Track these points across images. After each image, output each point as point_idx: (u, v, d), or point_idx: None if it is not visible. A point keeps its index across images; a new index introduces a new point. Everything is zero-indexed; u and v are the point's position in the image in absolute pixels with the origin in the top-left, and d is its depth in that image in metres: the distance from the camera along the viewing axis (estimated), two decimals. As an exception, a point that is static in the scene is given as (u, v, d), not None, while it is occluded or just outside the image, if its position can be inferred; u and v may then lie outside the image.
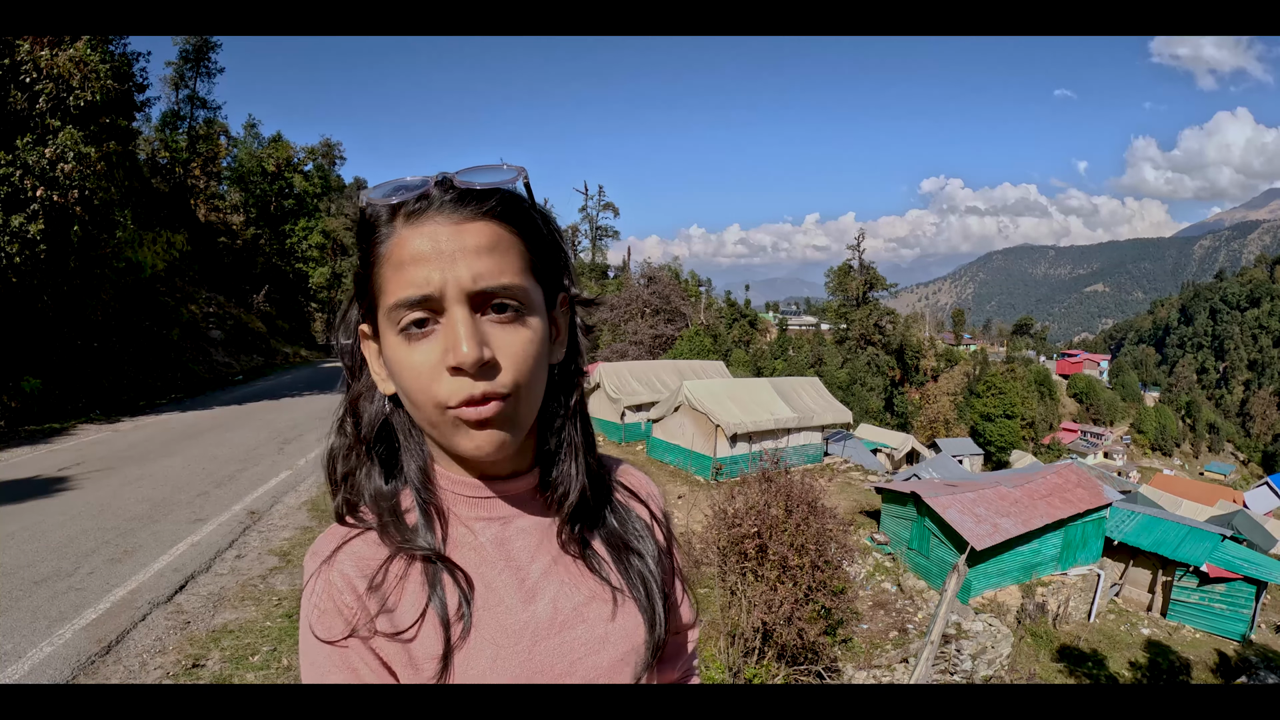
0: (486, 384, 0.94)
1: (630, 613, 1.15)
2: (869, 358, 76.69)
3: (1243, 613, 21.34)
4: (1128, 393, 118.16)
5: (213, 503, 10.48)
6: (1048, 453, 77.24)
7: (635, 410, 30.17)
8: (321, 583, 1.02)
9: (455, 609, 1.03)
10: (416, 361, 0.95)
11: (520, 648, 1.05)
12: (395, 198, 0.97)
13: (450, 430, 0.97)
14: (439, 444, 1.04)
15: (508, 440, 0.99)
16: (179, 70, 45.54)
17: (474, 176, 0.99)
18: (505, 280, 0.96)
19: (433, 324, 0.95)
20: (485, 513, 1.09)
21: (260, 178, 52.15)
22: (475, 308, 0.95)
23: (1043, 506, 20.88)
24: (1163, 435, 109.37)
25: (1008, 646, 17.42)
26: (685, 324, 53.01)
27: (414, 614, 1.01)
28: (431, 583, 1.03)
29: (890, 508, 21.41)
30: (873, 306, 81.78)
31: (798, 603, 11.25)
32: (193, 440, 15.15)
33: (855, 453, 34.50)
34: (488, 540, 1.09)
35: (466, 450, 0.99)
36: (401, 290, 0.94)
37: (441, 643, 1.01)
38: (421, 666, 1.01)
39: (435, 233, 0.95)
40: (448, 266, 0.93)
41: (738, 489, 13.05)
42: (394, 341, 0.97)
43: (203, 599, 7.24)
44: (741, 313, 78.86)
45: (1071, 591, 21.21)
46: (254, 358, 36.12)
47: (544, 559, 1.11)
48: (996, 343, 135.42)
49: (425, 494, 1.08)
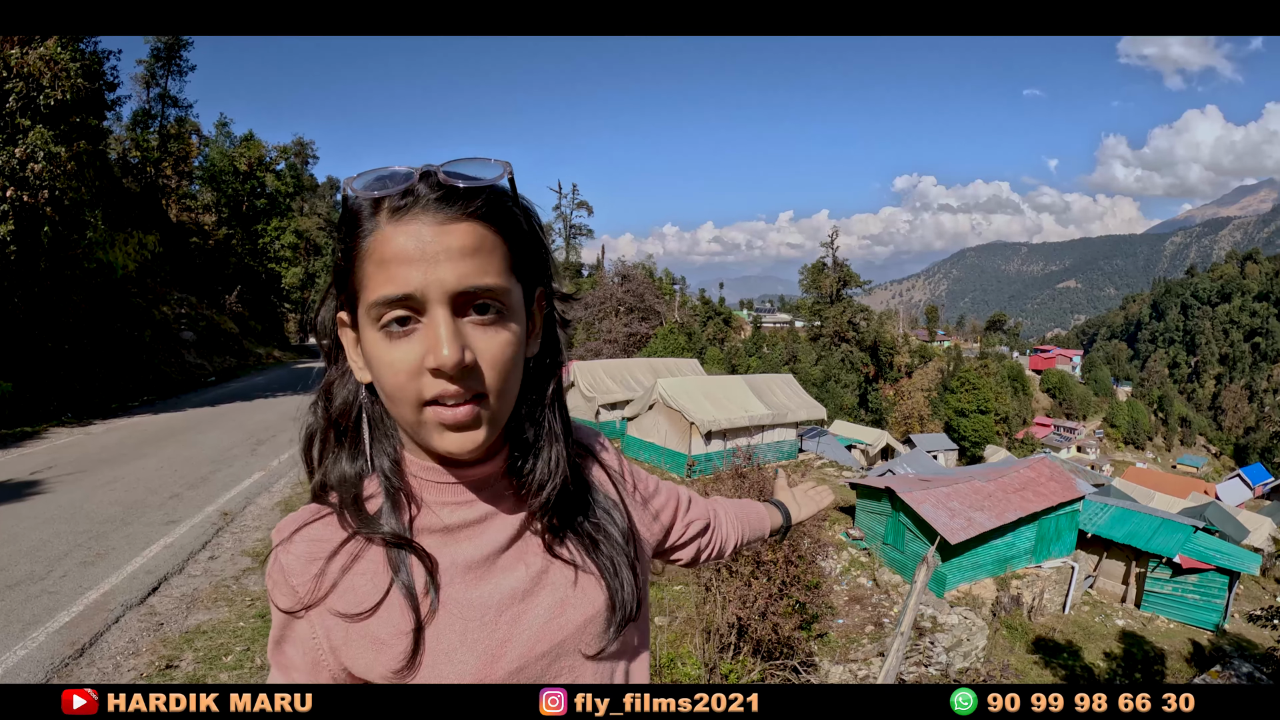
0: (465, 385, 0.96)
1: (590, 582, 1.17)
2: (843, 354, 76.96)
3: (1216, 603, 21.60)
4: (1100, 387, 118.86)
5: (185, 504, 10.43)
6: (1021, 447, 77.68)
7: (610, 409, 30.08)
8: (277, 562, 1.08)
9: (422, 587, 1.05)
10: (396, 360, 0.96)
11: (486, 619, 1.08)
12: (379, 191, 0.97)
13: (427, 429, 0.99)
14: (415, 439, 1.06)
15: (481, 440, 1.01)
16: (150, 68, 45.13)
17: (460, 170, 0.99)
18: (488, 282, 0.97)
19: (414, 323, 0.96)
20: (451, 497, 1.11)
21: (232, 177, 51.67)
22: (457, 309, 0.96)
23: (1016, 500, 21.04)
24: (1135, 429, 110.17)
25: (983, 639, 17.55)
26: (660, 322, 53.01)
27: (376, 595, 1.05)
28: (395, 564, 1.05)
29: (865, 503, 21.51)
30: (847, 304, 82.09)
31: (772, 598, 11.27)
32: (165, 442, 15.06)
33: (830, 449, 34.55)
34: (453, 523, 1.11)
35: (442, 449, 1.01)
36: (383, 288, 0.95)
37: (411, 620, 1.04)
38: (389, 643, 1.04)
39: (419, 232, 0.95)
40: (431, 267, 0.94)
41: (711, 485, 13.08)
42: (374, 337, 0.98)
43: (175, 600, 7.22)
44: (716, 310, 78.71)
45: (1046, 584, 21.39)
46: (226, 359, 35.87)
47: (508, 538, 1.13)
48: (970, 339, 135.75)
49: (393, 479, 1.10)
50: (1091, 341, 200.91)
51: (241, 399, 23.04)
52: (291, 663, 1.10)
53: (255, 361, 39.37)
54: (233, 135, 54.39)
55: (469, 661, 1.07)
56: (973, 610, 18.71)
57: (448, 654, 1.06)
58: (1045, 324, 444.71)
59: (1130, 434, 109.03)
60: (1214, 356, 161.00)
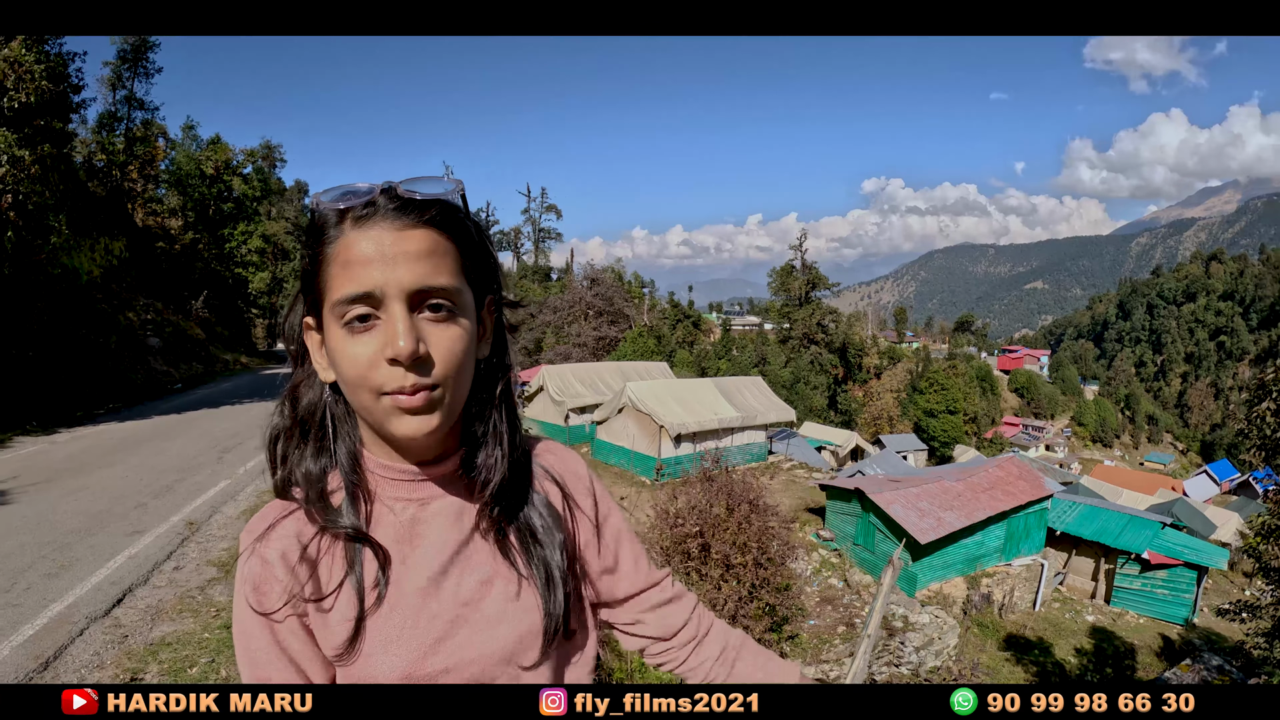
0: (420, 375, 1.05)
1: (530, 595, 1.22)
2: (812, 356, 77.25)
3: (1184, 597, 21.91)
4: (1068, 387, 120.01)
5: (151, 514, 10.31)
6: (990, 446, 78.32)
7: (579, 412, 30.25)
8: (255, 559, 1.16)
9: (371, 580, 1.15)
10: (357, 352, 1.04)
11: (424, 617, 1.16)
12: (344, 203, 1.07)
13: (385, 416, 1.07)
14: (374, 428, 1.14)
15: (437, 426, 1.09)
16: (116, 70, 44.39)
17: (417, 187, 1.08)
18: (440, 282, 1.06)
19: (374, 319, 1.04)
20: (407, 494, 1.20)
21: (199, 180, 51.22)
22: (412, 306, 1.05)
23: (985, 499, 21.17)
24: (1103, 427, 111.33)
25: (954, 637, 17.67)
26: (629, 325, 53.17)
27: (333, 584, 1.15)
28: (350, 557, 1.15)
29: (835, 504, 21.60)
30: (815, 306, 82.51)
31: (742, 600, 11.32)
32: (131, 451, 14.88)
33: (799, 451, 34.69)
34: (407, 519, 1.20)
35: (399, 433, 1.08)
36: (347, 287, 1.04)
37: (355, 608, 1.13)
38: (335, 629, 1.14)
39: (380, 237, 1.05)
40: (389, 268, 1.03)
41: (680, 489, 13.11)
42: (337, 334, 1.07)
43: (140, 612, 7.14)
44: (685, 313, 78.77)
45: (1016, 582, 21.56)
46: (193, 365, 35.45)
47: (458, 538, 1.21)
48: (938, 340, 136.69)
49: (353, 476, 1.19)
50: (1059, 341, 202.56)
51: (208, 406, 22.80)
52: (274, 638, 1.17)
53: (222, 368, 39.00)
54: (199, 138, 53.94)
55: (401, 655, 1.15)
56: (944, 609, 18.82)
57: (384, 644, 1.14)
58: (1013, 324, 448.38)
59: (1098, 432, 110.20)
60: (1180, 355, 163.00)
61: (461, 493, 1.22)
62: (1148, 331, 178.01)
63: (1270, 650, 13.61)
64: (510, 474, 1.23)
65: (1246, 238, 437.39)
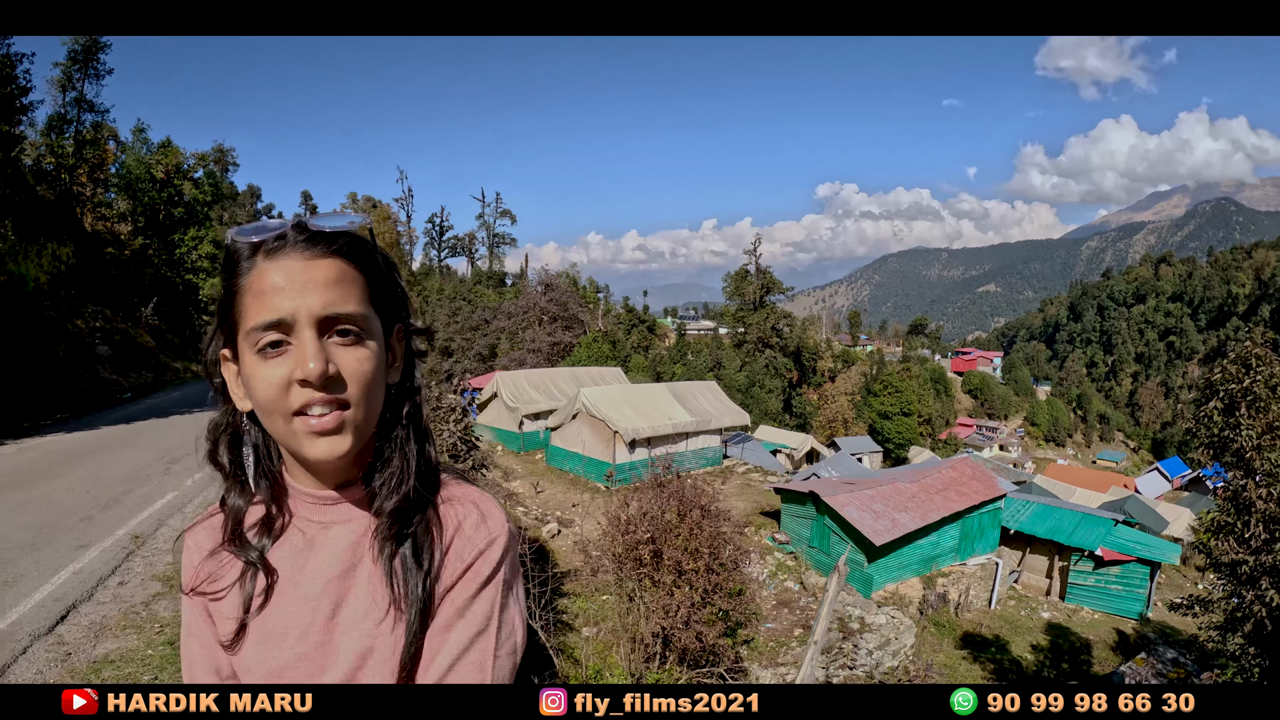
0: (330, 395, 1.12)
1: (399, 623, 1.22)
2: (767, 360, 77.40)
3: (1138, 592, 22.28)
4: (1020, 387, 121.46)
5: (97, 528, 10.13)
6: (945, 447, 79.01)
7: (534, 419, 30.22)
8: (182, 543, 1.35)
9: (260, 589, 1.25)
10: (270, 375, 1.11)
11: (295, 629, 1.24)
12: (256, 236, 1.15)
13: (298, 439, 1.14)
14: (288, 450, 1.22)
15: (348, 449, 1.15)
16: (67, 71, 43.44)
17: (325, 221, 1.16)
18: (348, 309, 1.14)
19: (285, 345, 1.11)
20: (317, 516, 1.27)
21: (149, 184, 50.20)
22: (322, 331, 1.12)
23: (939, 500, 21.40)
24: (1055, 427, 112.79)
25: (911, 637, 17.82)
26: (583, 331, 53.28)
27: (228, 584, 1.27)
28: (244, 576, 1.26)
29: (790, 507, 21.72)
30: (770, 310, 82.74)
31: (695, 606, 11.33)
32: (78, 462, 14.60)
33: (754, 454, 34.88)
34: (308, 539, 1.27)
35: (312, 456, 1.15)
36: (259, 315, 1.11)
37: (240, 611, 1.25)
38: (224, 624, 1.27)
39: (290, 266, 1.12)
40: (299, 295, 1.11)
41: (632, 495, 13.11)
42: (251, 360, 1.13)
43: (84, 629, 7.04)
44: (640, 318, 78.84)
45: (971, 581, 21.78)
46: (143, 374, 34.74)
47: (348, 560, 1.26)
48: (892, 343, 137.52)
49: (272, 501, 1.28)
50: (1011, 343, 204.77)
51: (158, 416, 22.42)
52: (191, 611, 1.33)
53: (173, 376, 38.26)
54: (150, 142, 52.88)
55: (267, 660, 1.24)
56: (900, 609, 18.99)
57: (257, 646, 1.25)
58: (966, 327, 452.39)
59: (1051, 432, 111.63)
60: (1130, 355, 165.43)
61: (363, 517, 1.26)
62: (1098, 333, 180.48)
63: (1224, 643, 13.83)
64: (410, 501, 1.24)
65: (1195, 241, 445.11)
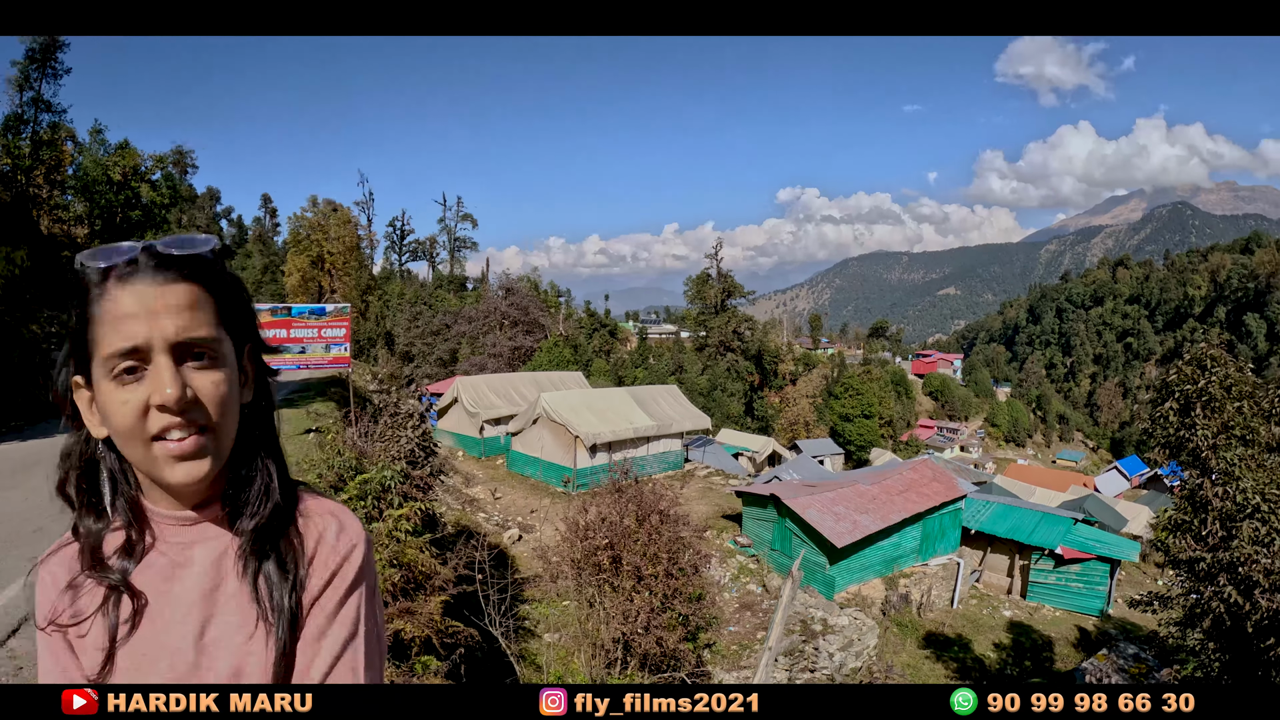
0: (188, 419, 1.15)
1: (269, 637, 1.25)
2: (728, 364, 77.80)
3: (1099, 589, 22.57)
4: (980, 389, 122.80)
5: (49, 538, 9.65)
6: (906, 449, 79.78)
7: (494, 424, 30.24)
8: (35, 577, 1.31)
9: (125, 615, 1.23)
10: (127, 400, 1.14)
11: (166, 652, 1.24)
12: (105, 261, 1.16)
13: (157, 463, 1.17)
14: (147, 475, 1.23)
15: (207, 470, 1.19)
16: (24, 70, 42.76)
17: (175, 246, 1.19)
18: (202, 333, 1.17)
19: (141, 370, 1.14)
20: (179, 537, 1.27)
21: (106, 187, 49.43)
22: (177, 356, 1.15)
23: (900, 502, 21.53)
24: (1015, 427, 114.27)
25: (874, 638, 17.88)
26: (545, 335, 53.40)
27: (89, 614, 1.24)
28: (107, 595, 1.24)
29: (751, 510, 21.78)
30: (731, 314, 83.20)
31: (654, 611, 11.26)
32: (32, 471, 14.25)
33: (716, 458, 35.03)
34: (171, 561, 1.27)
35: (173, 479, 1.17)
36: (114, 343, 1.13)
37: (106, 641, 1.23)
38: (89, 655, 1.24)
39: (143, 292, 1.14)
40: (153, 321, 1.13)
41: (591, 500, 13.02)
42: (107, 387, 1.15)
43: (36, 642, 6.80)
44: (601, 323, 79.08)
45: (933, 581, 21.95)
46: (99, 379, 34.41)
47: (214, 579, 1.27)
48: (853, 345, 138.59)
49: (131, 525, 1.27)
50: (971, 345, 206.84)
51: (112, 421, 22.06)
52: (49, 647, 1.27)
53: (130, 381, 37.92)
54: (107, 143, 52.06)
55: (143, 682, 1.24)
56: (863, 610, 19.04)
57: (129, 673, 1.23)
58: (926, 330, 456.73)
59: (1011, 432, 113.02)
60: (1088, 357, 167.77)
61: (224, 535, 1.28)
62: (1057, 334, 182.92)
63: (1183, 639, 13.97)
64: (270, 518, 1.28)
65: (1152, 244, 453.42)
